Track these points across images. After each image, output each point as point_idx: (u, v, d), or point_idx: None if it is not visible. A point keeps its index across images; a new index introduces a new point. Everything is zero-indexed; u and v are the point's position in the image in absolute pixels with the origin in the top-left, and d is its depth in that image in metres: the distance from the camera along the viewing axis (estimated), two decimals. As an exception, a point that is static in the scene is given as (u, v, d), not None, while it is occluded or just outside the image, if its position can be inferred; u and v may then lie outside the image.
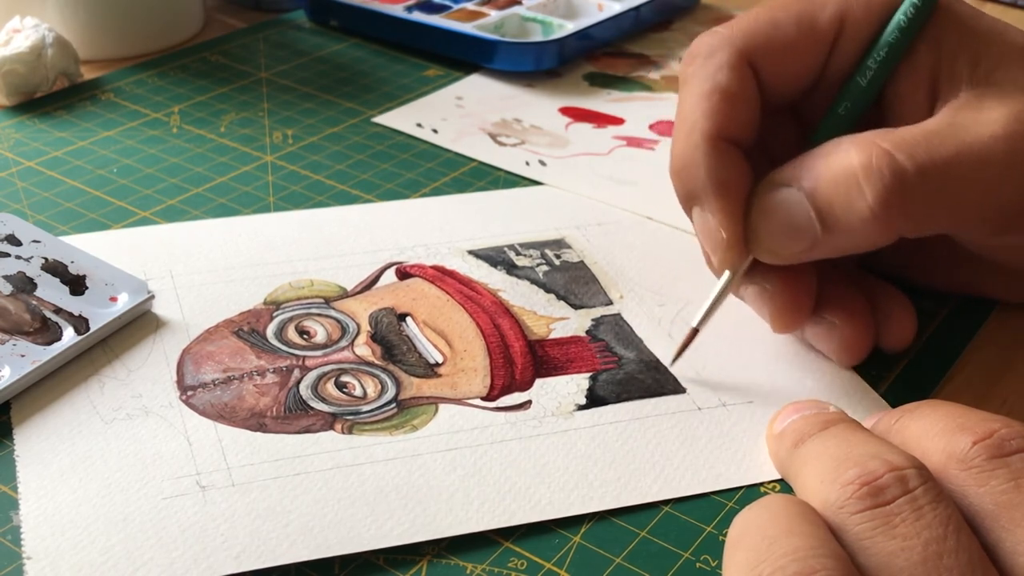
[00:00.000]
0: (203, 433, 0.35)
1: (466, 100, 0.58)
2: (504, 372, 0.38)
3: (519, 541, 0.32)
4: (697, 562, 0.32)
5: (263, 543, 0.31)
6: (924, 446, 0.29)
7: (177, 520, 0.31)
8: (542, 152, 0.53)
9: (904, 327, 0.39)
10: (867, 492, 0.27)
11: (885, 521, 0.26)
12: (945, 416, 0.30)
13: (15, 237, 0.42)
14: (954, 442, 0.28)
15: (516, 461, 0.34)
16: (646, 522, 0.33)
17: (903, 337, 0.39)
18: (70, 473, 0.33)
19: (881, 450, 0.28)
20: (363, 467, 0.34)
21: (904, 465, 0.27)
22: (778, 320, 0.38)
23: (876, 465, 0.27)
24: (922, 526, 0.26)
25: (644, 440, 0.35)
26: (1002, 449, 0.28)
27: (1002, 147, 0.35)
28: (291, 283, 0.42)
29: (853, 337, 0.38)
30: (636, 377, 0.38)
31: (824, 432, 0.31)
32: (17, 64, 0.55)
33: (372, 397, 0.37)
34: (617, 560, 0.32)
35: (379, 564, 0.31)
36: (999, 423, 0.28)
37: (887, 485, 0.27)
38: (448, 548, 0.32)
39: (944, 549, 0.26)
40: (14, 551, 0.31)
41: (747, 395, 0.37)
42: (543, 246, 0.45)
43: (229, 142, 0.53)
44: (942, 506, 0.26)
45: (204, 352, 0.38)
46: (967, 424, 0.29)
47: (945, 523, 0.26)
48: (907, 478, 0.27)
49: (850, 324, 0.38)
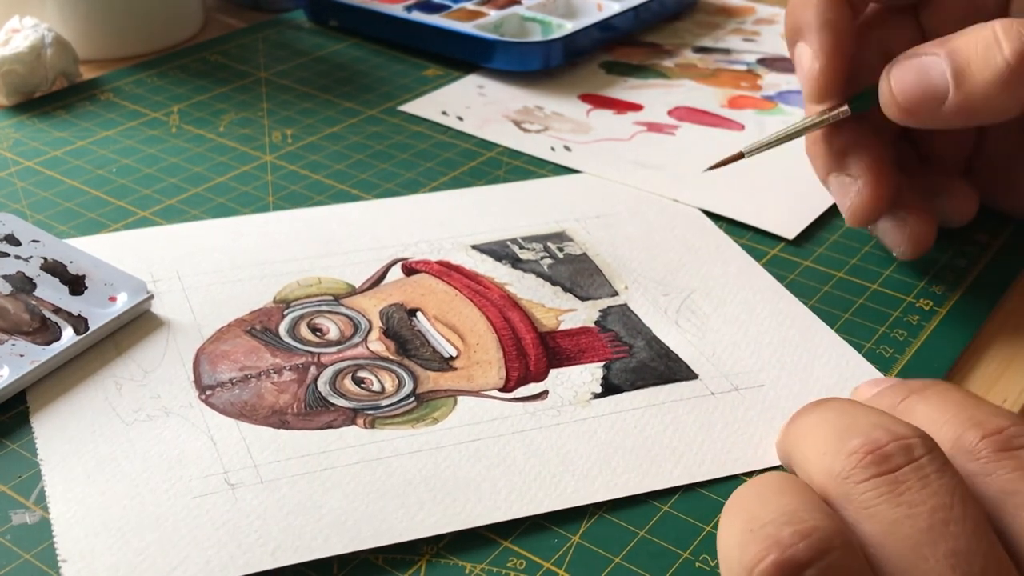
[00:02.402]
0: (226, 432, 0.35)
1: (488, 88, 0.59)
2: (518, 364, 0.39)
3: (518, 540, 0.32)
4: (696, 561, 0.32)
5: (297, 538, 0.31)
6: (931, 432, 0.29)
7: (210, 518, 0.31)
8: (566, 138, 0.54)
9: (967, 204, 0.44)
10: (872, 460, 0.27)
11: (891, 488, 0.26)
12: (955, 405, 0.30)
13: (14, 237, 0.42)
14: (963, 434, 0.29)
15: (539, 450, 0.35)
16: (645, 522, 0.33)
17: (966, 212, 0.45)
18: (96, 475, 0.33)
19: (884, 420, 0.28)
20: (389, 460, 0.34)
21: (909, 435, 0.27)
22: (857, 211, 0.41)
23: (880, 434, 0.27)
24: (928, 494, 0.26)
25: (662, 426, 0.36)
26: (1010, 444, 0.28)
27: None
28: (299, 281, 0.42)
29: (920, 232, 0.42)
30: (648, 365, 0.39)
31: (822, 404, 0.31)
32: (16, 64, 0.54)
33: (390, 391, 0.37)
34: (616, 560, 0.32)
35: (378, 564, 0.31)
36: (1008, 420, 0.29)
37: (892, 453, 0.27)
38: (447, 548, 0.32)
39: (951, 517, 0.26)
40: (14, 551, 0.31)
41: (758, 379, 0.38)
42: (545, 239, 0.46)
43: (228, 142, 0.53)
44: (948, 475, 0.26)
45: (219, 351, 0.38)
46: (977, 417, 0.29)
47: (951, 491, 0.26)
48: (912, 447, 0.27)
49: (918, 219, 0.42)
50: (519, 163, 0.52)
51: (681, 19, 0.71)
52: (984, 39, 0.37)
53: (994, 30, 0.36)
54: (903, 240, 0.43)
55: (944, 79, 0.37)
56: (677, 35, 0.68)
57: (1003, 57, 0.36)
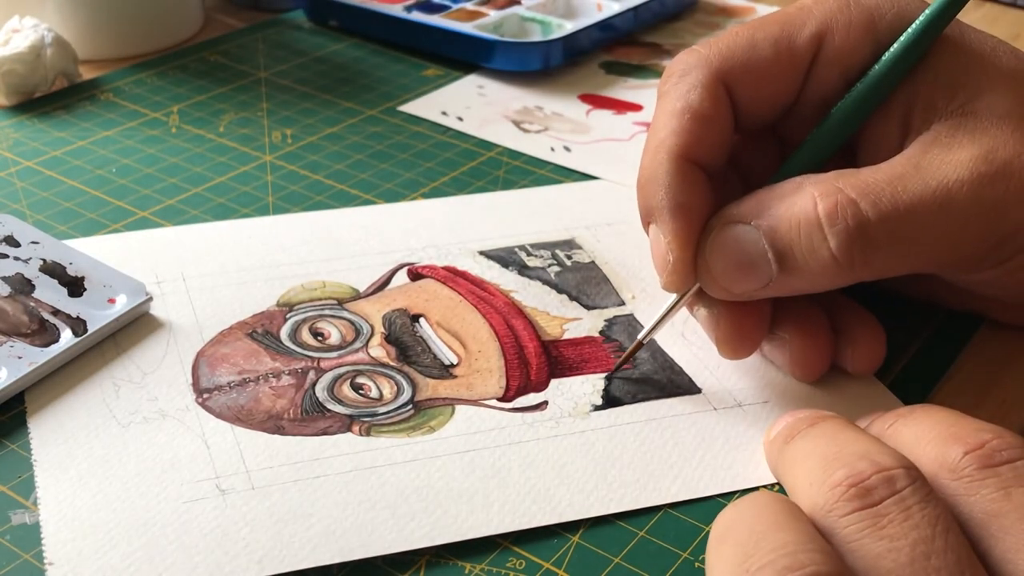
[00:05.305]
0: (221, 436, 0.35)
1: (487, 88, 0.59)
2: (519, 373, 0.38)
3: (518, 541, 0.32)
4: (696, 562, 0.32)
5: (285, 547, 0.31)
6: (916, 454, 0.29)
7: (198, 524, 0.31)
8: (566, 138, 0.54)
9: (871, 352, 0.38)
10: (855, 494, 0.27)
11: (873, 522, 0.26)
12: (938, 423, 0.30)
13: (13, 238, 0.42)
14: (945, 451, 0.28)
15: (535, 462, 0.34)
16: (645, 522, 0.33)
17: (870, 361, 0.38)
18: (89, 477, 0.33)
19: (870, 449, 0.28)
20: (382, 469, 0.34)
21: (892, 465, 0.27)
22: (723, 346, 0.37)
23: (864, 466, 0.27)
24: (910, 527, 0.26)
25: (661, 441, 0.35)
26: (992, 459, 0.28)
27: (967, 193, 0.34)
28: (303, 285, 0.42)
29: (803, 353, 0.37)
30: (651, 377, 0.38)
31: (813, 428, 0.31)
32: (16, 64, 0.54)
33: (388, 399, 0.37)
34: (616, 560, 0.32)
35: (378, 564, 0.31)
36: (991, 433, 0.28)
37: (875, 486, 0.27)
38: (447, 548, 0.32)
39: (932, 549, 0.25)
40: (14, 551, 0.31)
41: (762, 395, 0.38)
42: (554, 246, 0.45)
43: (228, 142, 0.53)
44: (931, 506, 0.26)
45: (219, 354, 0.38)
46: (959, 434, 0.29)
47: (933, 523, 0.26)
48: (895, 478, 0.27)
49: (800, 339, 0.37)
50: (519, 163, 0.52)
51: (681, 19, 0.70)
52: (806, 221, 0.34)
53: (816, 210, 0.33)
54: (785, 363, 0.38)
55: (766, 259, 0.34)
56: (677, 35, 0.68)
57: (828, 252, 0.33)
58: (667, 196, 0.36)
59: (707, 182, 0.37)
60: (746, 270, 0.35)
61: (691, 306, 0.38)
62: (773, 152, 0.40)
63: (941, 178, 0.34)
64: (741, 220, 0.35)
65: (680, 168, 0.36)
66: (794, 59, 0.37)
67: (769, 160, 0.40)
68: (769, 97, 0.38)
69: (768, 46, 0.37)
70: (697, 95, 0.37)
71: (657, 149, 0.36)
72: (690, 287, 0.37)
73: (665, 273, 0.36)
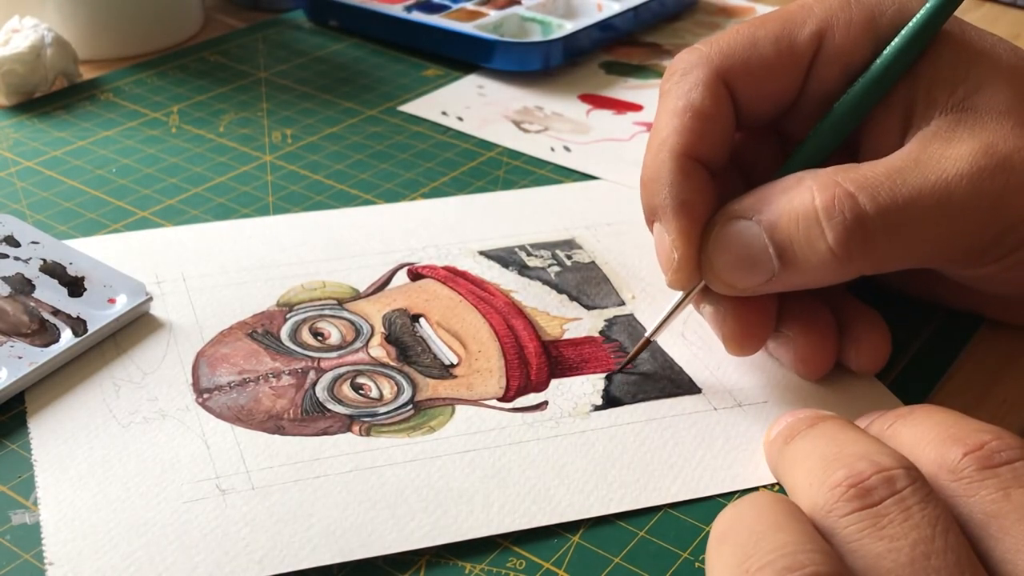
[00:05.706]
0: (221, 436, 0.35)
1: (487, 89, 0.59)
2: (519, 373, 0.38)
3: (518, 541, 0.32)
4: (696, 562, 0.32)
5: (285, 547, 0.31)
6: (915, 454, 0.29)
7: (198, 524, 0.31)
8: (566, 138, 0.54)
9: (876, 351, 0.38)
10: (854, 494, 0.27)
11: (873, 523, 0.26)
12: (937, 424, 0.30)
13: (13, 238, 0.42)
14: (945, 453, 0.28)
15: (535, 462, 0.34)
16: (645, 522, 0.33)
17: (874, 360, 0.38)
18: (89, 477, 0.33)
19: (870, 450, 0.28)
20: (383, 469, 0.34)
21: (892, 465, 0.27)
22: (729, 343, 0.37)
23: (864, 466, 0.27)
24: (910, 527, 0.26)
25: (661, 441, 0.35)
26: (991, 460, 0.28)
27: (966, 187, 0.34)
28: (303, 285, 0.42)
29: (808, 351, 0.37)
30: (651, 377, 0.38)
31: (813, 429, 0.31)
32: (16, 64, 0.54)
33: (388, 399, 0.37)
34: (616, 560, 0.32)
35: (378, 564, 0.31)
36: (990, 434, 0.28)
37: (874, 486, 0.27)
38: (446, 548, 0.32)
39: (932, 549, 0.25)
40: (14, 551, 0.31)
41: (762, 395, 0.38)
42: (554, 247, 0.45)
43: (228, 142, 0.53)
44: (930, 506, 0.26)
45: (219, 354, 0.38)
46: (959, 435, 0.29)
47: (933, 523, 0.26)
48: (895, 478, 0.27)
49: (805, 337, 0.37)
50: (519, 163, 0.52)
51: (681, 19, 0.70)
52: (804, 215, 0.34)
53: (814, 204, 0.34)
54: (789, 362, 0.38)
55: (768, 254, 0.34)
56: (677, 35, 0.68)
57: (827, 245, 0.33)
58: (670, 194, 0.36)
59: (710, 180, 0.37)
60: (748, 265, 0.35)
61: (697, 303, 0.39)
62: (775, 149, 0.40)
63: (940, 172, 0.34)
64: (743, 216, 0.35)
65: (683, 166, 0.36)
66: (795, 57, 0.37)
67: (771, 157, 0.40)
68: (770, 95, 0.38)
69: (769, 44, 0.37)
70: (698, 93, 0.37)
71: (660, 148, 0.37)
72: (695, 284, 0.37)
73: (670, 271, 0.36)
